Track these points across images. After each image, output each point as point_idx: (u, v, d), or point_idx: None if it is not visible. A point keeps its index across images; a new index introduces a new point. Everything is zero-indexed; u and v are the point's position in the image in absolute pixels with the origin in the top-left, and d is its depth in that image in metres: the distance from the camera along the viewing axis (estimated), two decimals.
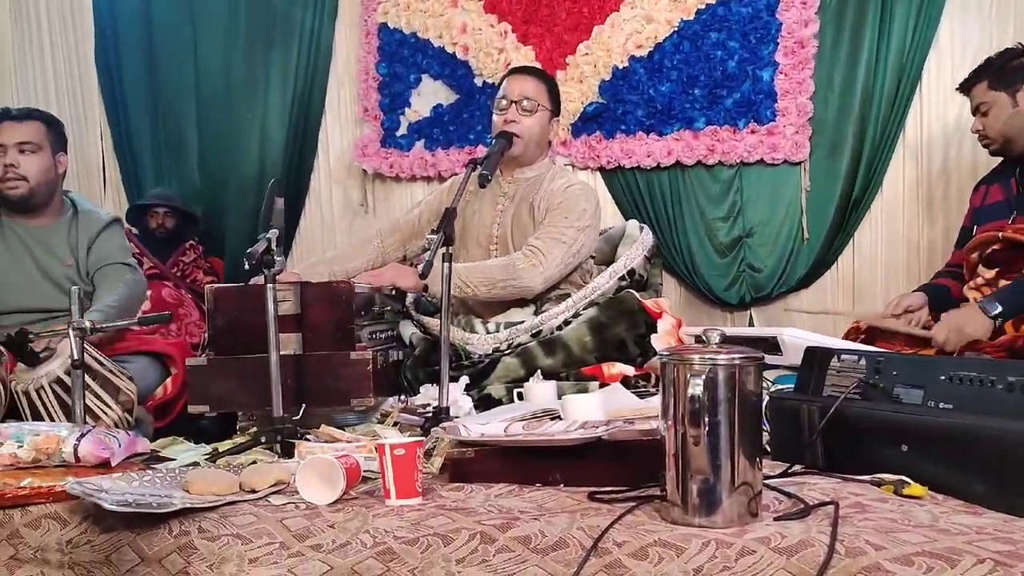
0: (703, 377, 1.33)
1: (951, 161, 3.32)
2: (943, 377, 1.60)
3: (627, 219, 3.33)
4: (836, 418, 1.65)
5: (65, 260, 2.77)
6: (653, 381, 2.44)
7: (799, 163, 3.45)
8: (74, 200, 2.91)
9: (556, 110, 2.85)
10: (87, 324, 2.11)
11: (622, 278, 2.72)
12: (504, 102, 2.77)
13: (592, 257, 2.91)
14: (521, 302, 2.67)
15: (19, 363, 2.24)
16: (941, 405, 1.57)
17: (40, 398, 2.18)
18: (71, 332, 2.10)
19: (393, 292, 2.67)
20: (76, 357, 2.10)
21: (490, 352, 2.50)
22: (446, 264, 2.16)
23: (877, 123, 3.35)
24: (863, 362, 1.75)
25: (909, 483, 1.49)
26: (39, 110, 2.96)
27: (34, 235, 2.79)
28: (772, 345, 2.20)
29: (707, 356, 1.36)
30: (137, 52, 4.30)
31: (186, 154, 4.31)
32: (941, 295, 2.72)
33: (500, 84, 2.86)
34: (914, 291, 2.79)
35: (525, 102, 2.74)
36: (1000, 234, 2.53)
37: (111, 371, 2.30)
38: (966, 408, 1.52)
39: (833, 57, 3.40)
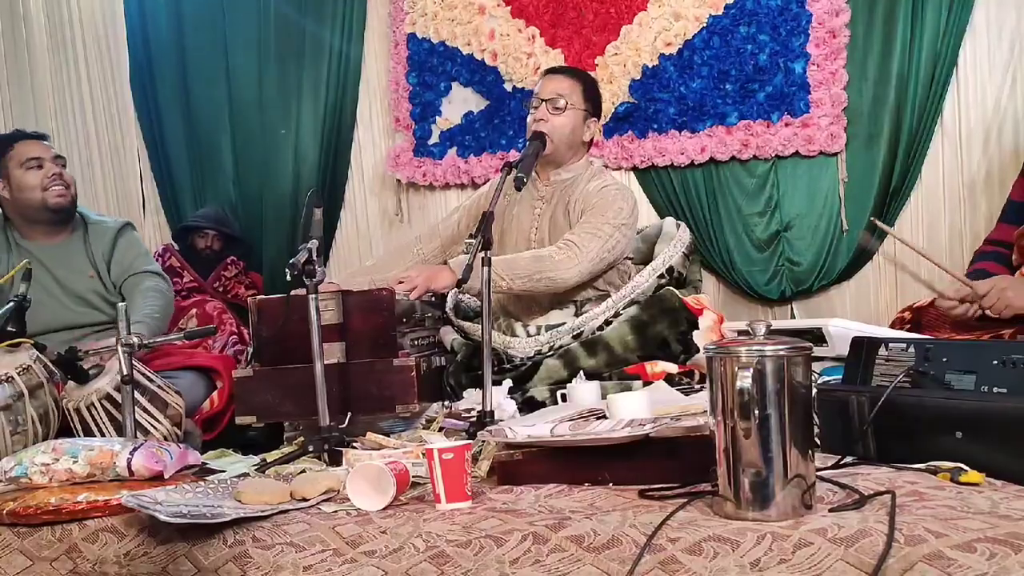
0: (751, 369, 1.31)
1: (992, 146, 3.26)
2: (995, 361, 1.57)
3: (663, 218, 3.31)
4: (887, 407, 1.62)
5: (87, 273, 2.80)
6: (697, 378, 2.43)
7: (835, 154, 3.40)
8: (81, 213, 2.95)
9: (594, 111, 2.82)
10: (135, 340, 2.14)
11: (661, 276, 2.70)
12: (536, 101, 2.76)
13: (630, 258, 2.90)
14: (561, 303, 2.67)
15: (69, 381, 2.27)
16: (995, 389, 1.55)
17: (91, 415, 2.22)
18: (120, 349, 2.13)
19: (432, 299, 2.68)
20: (126, 373, 2.13)
21: (532, 355, 2.50)
22: (485, 268, 2.16)
23: (914, 111, 3.30)
24: (912, 350, 1.73)
25: (966, 470, 1.47)
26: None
27: (50, 253, 2.81)
28: (817, 337, 2.18)
29: (754, 348, 1.35)
30: (171, 75, 4.34)
31: (222, 173, 4.34)
32: None
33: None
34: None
35: (556, 100, 2.73)
36: None
37: (159, 386, 2.33)
38: (1021, 391, 1.50)
39: (866, 45, 3.35)
